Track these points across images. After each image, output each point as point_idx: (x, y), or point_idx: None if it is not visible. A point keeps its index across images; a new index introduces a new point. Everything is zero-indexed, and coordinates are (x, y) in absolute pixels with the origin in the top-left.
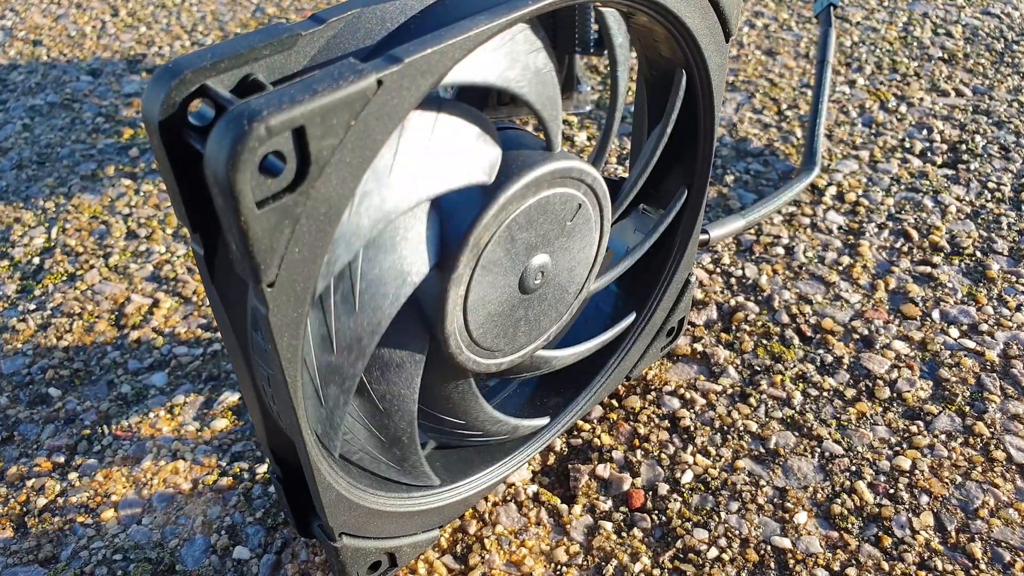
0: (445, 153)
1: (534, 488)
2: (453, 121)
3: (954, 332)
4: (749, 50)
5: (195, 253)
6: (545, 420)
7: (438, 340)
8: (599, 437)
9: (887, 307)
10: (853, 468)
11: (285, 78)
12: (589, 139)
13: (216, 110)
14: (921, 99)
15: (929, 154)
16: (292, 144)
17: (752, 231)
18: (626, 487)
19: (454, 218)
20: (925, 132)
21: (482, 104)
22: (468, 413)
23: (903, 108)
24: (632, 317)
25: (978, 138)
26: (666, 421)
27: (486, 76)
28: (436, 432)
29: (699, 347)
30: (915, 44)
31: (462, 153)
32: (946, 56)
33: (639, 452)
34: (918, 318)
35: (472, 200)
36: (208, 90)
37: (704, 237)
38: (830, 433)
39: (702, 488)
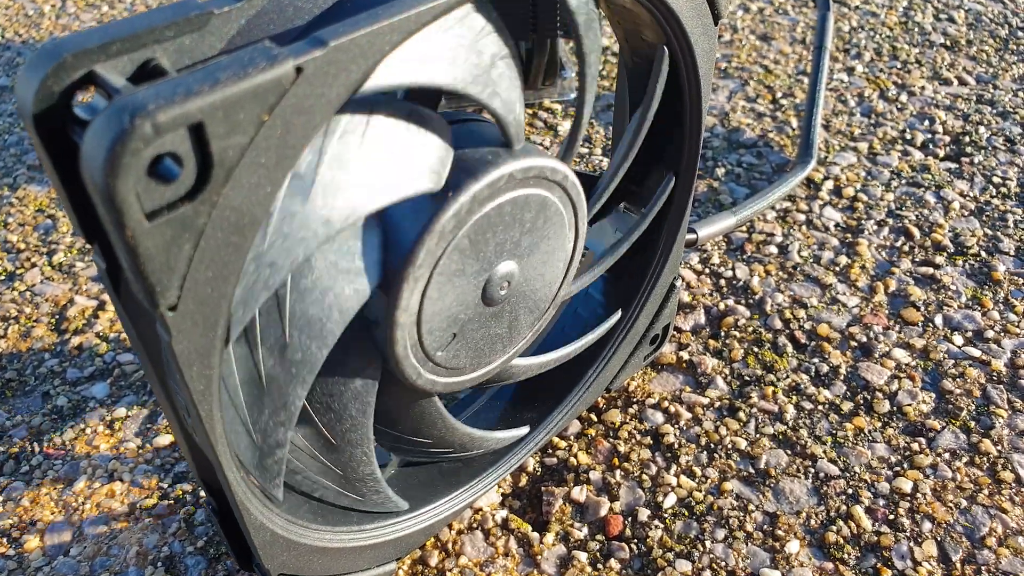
0: (379, 161)
1: (503, 514)
2: (389, 123)
3: (958, 339)
4: (743, 35)
5: (97, 266)
6: (524, 430)
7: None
8: (576, 456)
9: (887, 311)
10: (850, 491)
11: (196, 64)
12: None
13: (109, 101)
14: (922, 88)
15: (931, 146)
16: (190, 144)
17: (744, 228)
18: (603, 512)
19: (398, 231)
20: (927, 123)
21: (436, 96)
22: (435, 430)
23: (904, 97)
24: (616, 317)
25: (982, 129)
26: (648, 438)
27: (430, 77)
28: (401, 451)
29: (685, 355)
30: (916, 30)
31: (401, 159)
32: (948, 42)
33: (618, 472)
34: (919, 324)
35: (419, 210)
36: (96, 77)
37: (691, 237)
38: (825, 451)
39: (686, 513)
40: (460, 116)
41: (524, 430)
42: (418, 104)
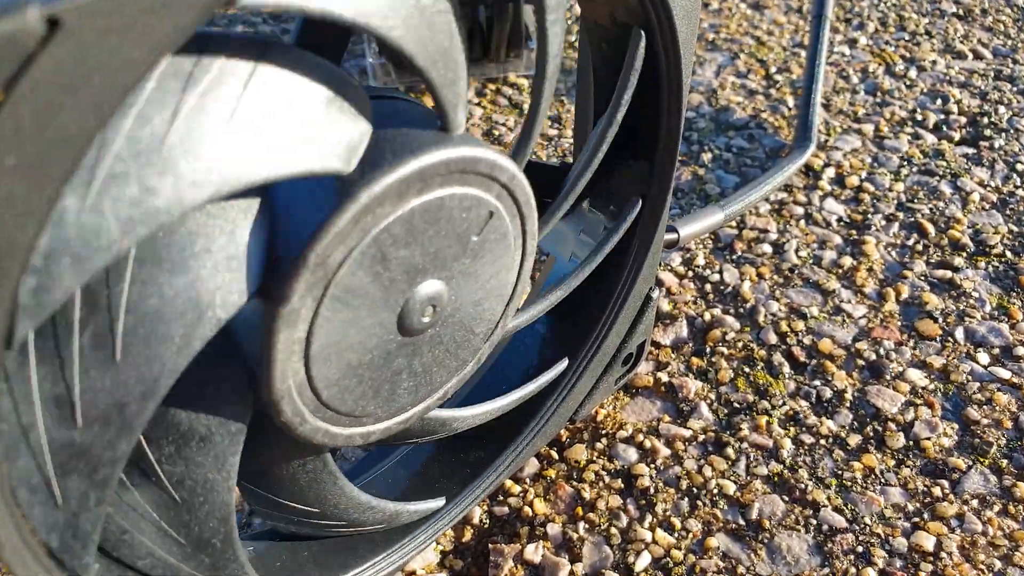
0: (267, 123)
1: None
2: (284, 76)
3: (983, 357)
4: (733, 2)
5: None
6: (440, 502)
7: (264, 404)
8: (531, 504)
9: (899, 323)
10: (859, 548)
11: None
12: None
13: None
14: (934, 62)
15: (945, 128)
16: None
17: (733, 224)
18: None
19: (290, 223)
20: (939, 102)
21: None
22: (324, 498)
23: (913, 73)
24: (565, 364)
25: (1002, 109)
26: (619, 480)
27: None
28: (276, 518)
29: (664, 376)
30: None
31: (299, 125)
32: (961, 12)
33: (582, 525)
34: (938, 338)
35: (320, 195)
36: None
37: (672, 236)
38: (829, 497)
39: None
40: (385, 93)
41: (440, 502)
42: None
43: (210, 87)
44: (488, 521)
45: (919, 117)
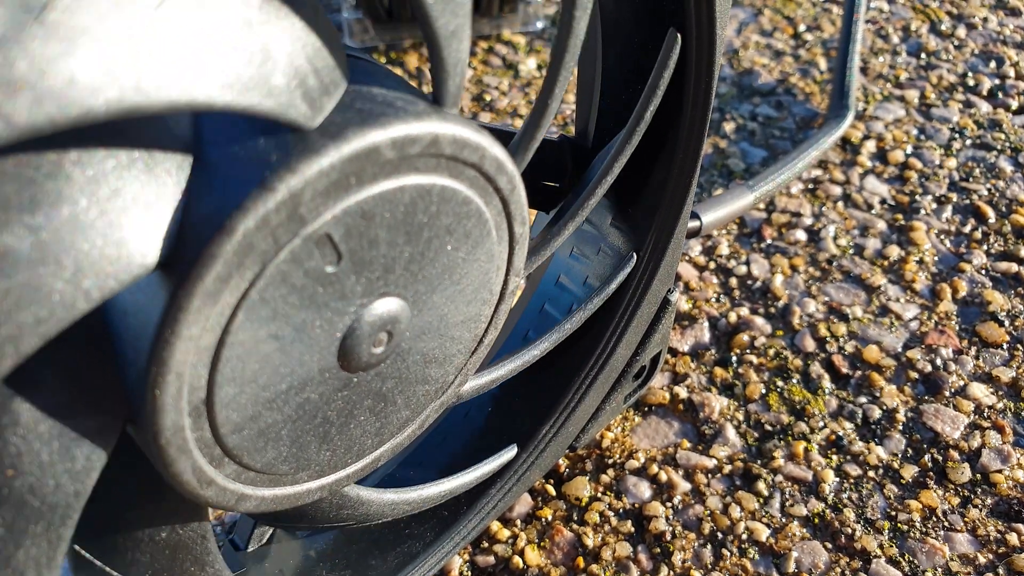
0: (214, 31)
1: None
2: None
3: None
4: None
5: None
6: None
7: (142, 438)
8: (522, 553)
9: (957, 327)
10: None
11: None
12: (540, 67)
13: None
14: (985, 19)
15: (1001, 95)
16: None
17: (761, 206)
18: None
19: (223, 179)
20: (993, 64)
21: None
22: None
23: (961, 31)
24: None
25: None
26: (628, 522)
27: None
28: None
29: (682, 392)
30: None
31: (258, 48)
32: None
33: None
34: (1005, 345)
35: (268, 151)
36: None
37: (694, 224)
38: (882, 545)
39: None
40: (358, 53)
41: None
42: None
43: None
44: (470, 574)
45: (971, 82)
